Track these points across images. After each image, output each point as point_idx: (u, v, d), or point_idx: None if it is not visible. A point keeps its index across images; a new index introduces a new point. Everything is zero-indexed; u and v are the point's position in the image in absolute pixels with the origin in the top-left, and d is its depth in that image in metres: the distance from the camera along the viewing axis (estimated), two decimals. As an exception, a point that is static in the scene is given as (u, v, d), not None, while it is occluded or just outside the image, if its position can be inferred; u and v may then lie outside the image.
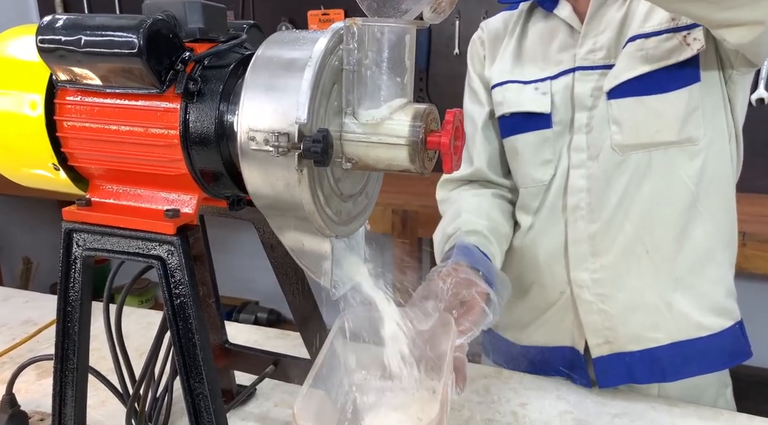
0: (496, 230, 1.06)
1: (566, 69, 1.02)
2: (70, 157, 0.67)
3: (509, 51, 1.10)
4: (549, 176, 1.04)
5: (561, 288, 1.05)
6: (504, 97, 1.07)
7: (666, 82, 0.94)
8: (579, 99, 1.01)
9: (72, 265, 0.68)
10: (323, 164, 0.55)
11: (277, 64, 0.58)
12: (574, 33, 1.03)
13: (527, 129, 1.05)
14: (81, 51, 0.59)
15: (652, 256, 0.99)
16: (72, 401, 0.69)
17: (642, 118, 0.96)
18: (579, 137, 1.01)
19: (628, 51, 0.95)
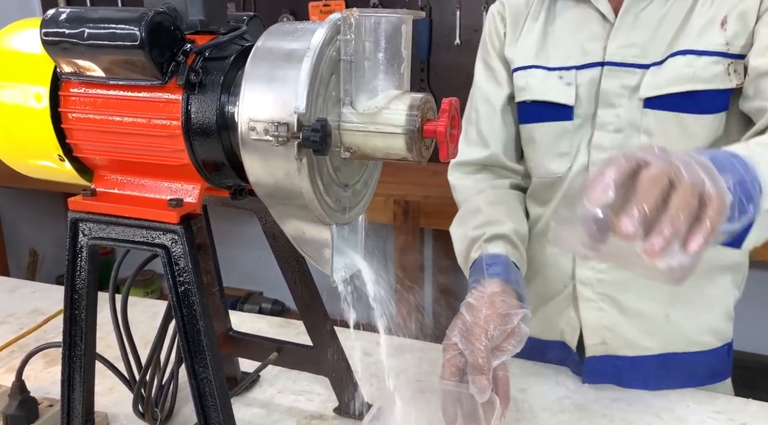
0: (520, 231, 1.02)
1: (594, 62, 0.99)
2: (75, 148, 0.69)
3: (535, 33, 1.05)
4: (564, 169, 1.03)
5: (564, 282, 1.05)
6: (527, 84, 1.04)
7: (706, 104, 0.93)
8: (605, 96, 0.98)
9: (78, 254, 0.69)
10: (322, 152, 0.57)
11: (277, 56, 0.59)
12: (606, 24, 0.99)
13: (547, 119, 1.03)
14: (84, 43, 0.60)
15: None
16: (80, 386, 0.71)
17: (674, 134, 0.94)
18: (601, 135, 0.99)
19: (676, 64, 0.92)
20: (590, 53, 1.00)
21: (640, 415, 0.94)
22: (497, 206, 1.05)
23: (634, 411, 0.95)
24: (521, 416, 0.94)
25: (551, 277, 1.07)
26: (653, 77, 0.94)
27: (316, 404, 0.97)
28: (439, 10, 2.38)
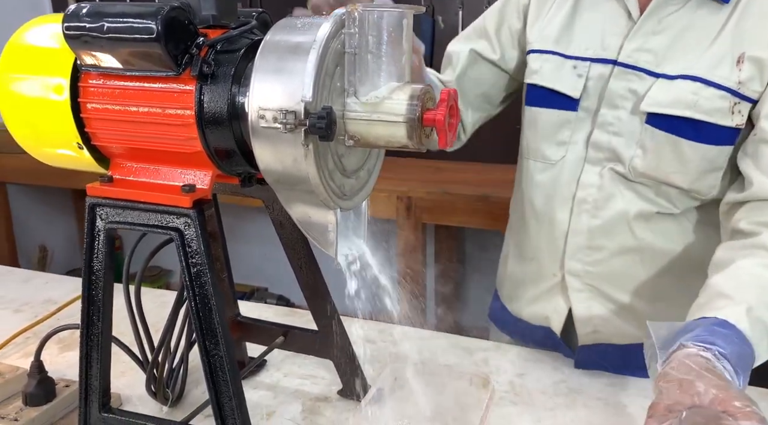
0: None
1: (608, 58, 1.00)
2: (93, 137, 0.72)
3: (560, 18, 1.05)
4: (559, 157, 1.05)
5: (554, 270, 1.08)
6: (540, 68, 1.05)
7: (705, 133, 0.94)
8: (610, 95, 0.99)
9: (96, 237, 0.73)
10: (327, 138, 0.60)
11: (284, 48, 0.63)
12: (630, 22, 0.99)
13: (552, 106, 1.05)
14: (104, 37, 0.64)
15: (645, 265, 1.03)
16: (97, 363, 0.74)
17: (667, 156, 0.96)
18: (600, 135, 1.01)
19: (683, 87, 0.94)
20: (608, 49, 1.00)
21: (634, 398, 0.97)
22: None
23: (627, 395, 0.98)
24: (519, 399, 0.97)
25: (544, 264, 1.10)
26: (658, 92, 0.95)
27: (320, 387, 1.00)
28: (441, 10, 2.43)
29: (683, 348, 0.72)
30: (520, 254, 1.16)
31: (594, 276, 1.05)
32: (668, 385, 0.68)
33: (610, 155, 1.00)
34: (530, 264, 1.13)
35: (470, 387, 0.86)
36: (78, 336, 1.13)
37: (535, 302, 1.13)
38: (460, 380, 0.87)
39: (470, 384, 0.86)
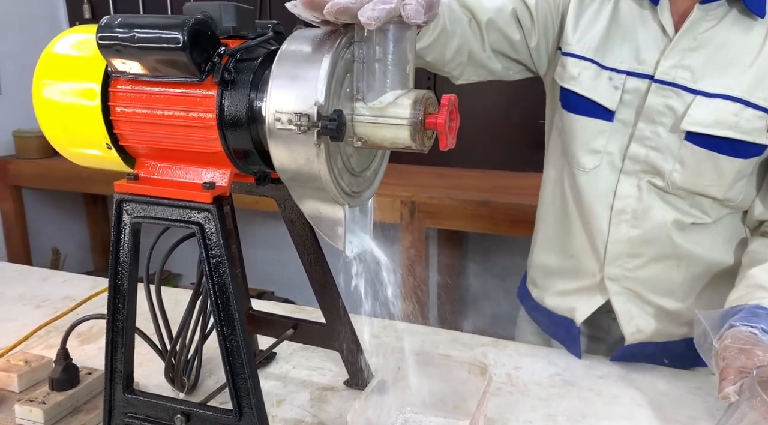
0: None
1: (645, 74, 1.03)
2: (121, 138, 0.78)
3: (600, 25, 1.07)
4: (593, 165, 1.08)
5: (593, 272, 1.13)
6: (579, 75, 1.07)
7: (741, 151, 0.99)
8: (648, 111, 1.02)
9: (122, 230, 0.79)
10: (338, 139, 0.66)
11: (299, 57, 0.69)
12: (665, 37, 1.02)
13: (589, 114, 1.08)
14: (134, 46, 0.70)
15: (681, 270, 1.09)
16: (122, 348, 0.80)
17: (706, 170, 1.01)
18: (637, 148, 1.04)
19: (723, 107, 0.97)
20: (644, 63, 1.03)
21: (625, 389, 1.02)
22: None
23: (619, 386, 1.03)
24: (515, 389, 1.02)
25: (584, 263, 1.14)
26: (698, 111, 0.98)
27: (327, 378, 1.06)
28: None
29: (733, 327, 0.86)
30: (557, 248, 1.19)
31: (632, 281, 1.10)
32: (731, 354, 0.81)
33: (647, 168, 1.04)
34: (569, 260, 1.17)
35: (469, 375, 0.91)
36: (96, 331, 1.21)
37: (564, 295, 1.18)
38: (460, 369, 0.92)
39: (469, 372, 0.91)
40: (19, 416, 0.89)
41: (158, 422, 0.79)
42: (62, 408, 0.91)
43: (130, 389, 0.81)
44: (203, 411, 0.78)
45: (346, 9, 0.62)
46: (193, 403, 0.80)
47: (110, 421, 0.81)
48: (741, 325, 0.85)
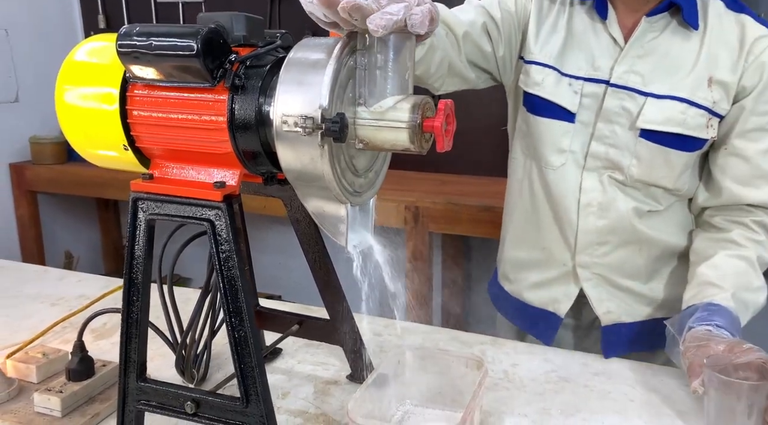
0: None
1: (601, 79, 1.14)
2: (137, 139, 0.83)
3: (559, 35, 1.18)
4: (559, 163, 1.19)
5: (564, 261, 1.23)
6: (543, 81, 1.18)
7: (688, 145, 1.13)
8: (605, 113, 1.14)
9: (137, 227, 0.83)
10: (340, 140, 0.70)
11: (305, 64, 0.74)
12: (617, 47, 1.14)
13: (553, 116, 1.18)
14: (151, 53, 0.75)
15: (642, 253, 1.20)
16: (135, 339, 0.84)
17: (659, 164, 1.14)
18: (597, 146, 1.16)
19: (672, 107, 1.10)
20: (599, 70, 1.15)
21: (617, 386, 1.06)
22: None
23: (612, 383, 1.07)
24: (511, 385, 1.06)
25: (555, 253, 1.24)
26: (650, 111, 1.11)
27: (331, 372, 1.10)
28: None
29: (692, 329, 0.99)
30: (529, 241, 1.29)
31: (601, 266, 1.20)
32: (691, 353, 0.95)
33: (608, 163, 1.16)
34: (541, 252, 1.26)
35: (466, 369, 0.95)
36: (110, 327, 1.25)
37: (540, 287, 1.27)
38: (457, 363, 0.96)
39: (466, 366, 0.95)
40: (38, 404, 0.94)
41: (169, 408, 0.84)
42: (78, 398, 0.96)
43: (143, 377, 0.85)
44: (212, 398, 0.82)
45: (360, 8, 0.66)
46: (203, 391, 0.85)
47: (124, 407, 0.85)
48: (698, 325, 0.99)
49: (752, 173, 1.13)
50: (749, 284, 1.08)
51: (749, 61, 1.09)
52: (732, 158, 1.13)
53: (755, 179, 1.13)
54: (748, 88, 1.10)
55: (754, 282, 1.09)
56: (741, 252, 1.11)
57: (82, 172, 2.70)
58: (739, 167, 1.13)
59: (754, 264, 1.11)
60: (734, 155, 1.12)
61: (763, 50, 1.08)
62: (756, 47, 1.09)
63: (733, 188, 1.14)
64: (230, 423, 0.81)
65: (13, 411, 0.95)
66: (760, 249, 1.12)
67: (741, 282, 1.07)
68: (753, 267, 1.10)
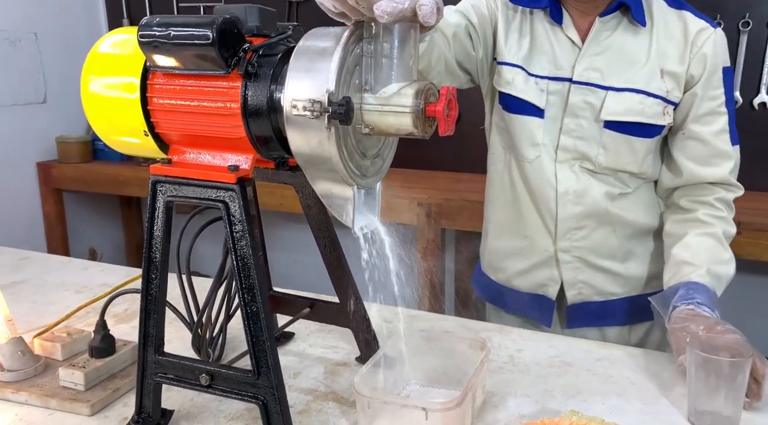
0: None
1: (564, 77, 1.25)
2: (157, 125, 0.88)
3: (525, 42, 1.28)
4: (534, 156, 1.28)
5: (546, 247, 1.31)
6: (513, 80, 1.28)
7: (649, 131, 1.24)
8: (571, 107, 1.25)
9: (156, 208, 0.88)
10: (346, 123, 0.75)
11: (314, 52, 0.78)
12: (575, 47, 1.25)
13: (525, 113, 1.27)
14: (170, 42, 0.80)
15: (617, 234, 1.29)
16: (154, 314, 0.89)
17: (623, 151, 1.25)
18: (566, 140, 1.26)
19: (630, 98, 1.21)
20: (561, 69, 1.25)
21: (619, 371, 1.08)
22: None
23: (614, 368, 1.09)
24: (515, 369, 1.09)
25: (537, 241, 1.32)
26: (612, 103, 1.22)
27: (341, 355, 1.14)
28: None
29: (676, 308, 1.10)
30: (511, 231, 1.37)
31: (580, 250, 1.29)
32: (676, 334, 1.04)
33: (577, 155, 1.26)
34: (523, 241, 1.34)
35: (470, 350, 0.98)
36: (131, 313, 1.31)
37: (526, 274, 1.35)
38: (462, 345, 0.99)
39: (470, 348, 0.98)
40: (63, 378, 0.99)
41: (185, 381, 0.88)
42: (100, 373, 1.01)
43: (161, 351, 0.90)
44: (225, 370, 0.87)
45: None
46: (217, 364, 0.89)
47: (143, 380, 0.90)
48: (681, 304, 1.09)
49: (709, 153, 1.23)
50: (720, 258, 1.18)
51: (693, 53, 1.20)
52: (690, 141, 1.24)
53: (712, 158, 1.24)
54: (695, 77, 1.21)
55: (724, 255, 1.19)
56: (708, 230, 1.21)
57: (106, 170, 2.78)
58: (697, 149, 1.24)
59: (721, 239, 1.21)
60: (691, 138, 1.24)
61: (704, 41, 1.20)
62: (698, 39, 1.20)
63: (692, 168, 1.24)
64: (242, 394, 0.85)
65: (40, 385, 1.00)
66: (724, 224, 1.23)
67: (712, 257, 1.17)
68: (720, 242, 1.20)
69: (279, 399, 0.83)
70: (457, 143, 2.53)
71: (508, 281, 1.40)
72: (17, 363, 1.02)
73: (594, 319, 1.33)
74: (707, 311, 1.07)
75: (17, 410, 0.96)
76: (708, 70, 1.20)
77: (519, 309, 1.41)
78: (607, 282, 1.32)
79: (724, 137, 1.23)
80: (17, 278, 1.52)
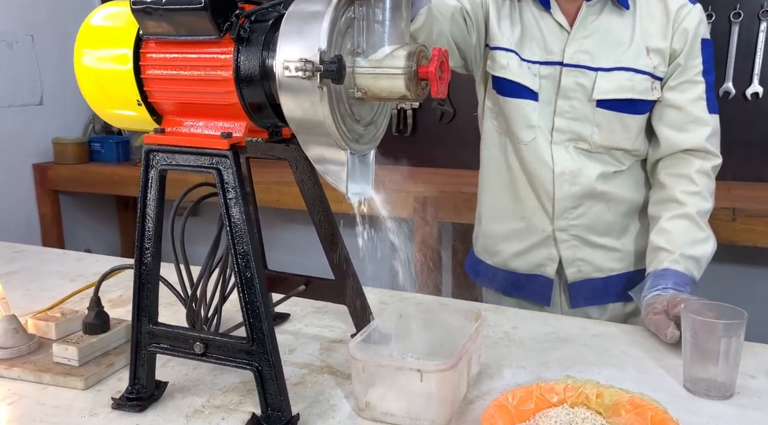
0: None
1: (555, 61, 1.28)
2: (150, 95, 0.88)
3: (516, 30, 1.31)
4: (530, 138, 1.30)
5: (544, 227, 1.32)
6: (507, 64, 1.31)
7: (639, 108, 1.28)
8: (563, 90, 1.28)
9: (150, 178, 0.88)
10: (338, 81, 0.75)
11: (305, 15, 0.78)
12: (564, 32, 1.28)
13: (520, 96, 1.29)
14: (163, 7, 0.80)
15: (612, 211, 1.32)
16: (147, 285, 0.89)
17: (617, 128, 1.28)
18: (560, 121, 1.29)
19: (620, 77, 1.25)
20: (552, 53, 1.29)
21: (616, 345, 1.08)
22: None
23: (610, 342, 1.09)
24: (512, 344, 1.09)
25: (535, 222, 1.33)
26: (603, 83, 1.25)
27: (336, 333, 1.14)
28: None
29: (644, 298, 1.16)
30: (507, 214, 1.38)
31: (577, 228, 1.30)
32: (649, 318, 1.11)
33: (572, 135, 1.29)
34: (520, 222, 1.35)
35: (465, 321, 0.98)
36: (125, 298, 1.30)
37: (524, 255, 1.35)
38: (457, 316, 0.99)
39: (465, 319, 0.98)
40: (57, 354, 0.98)
41: (179, 350, 0.88)
42: (94, 349, 1.00)
43: (155, 321, 0.90)
44: (219, 338, 0.86)
45: None
46: (211, 332, 0.89)
47: (137, 350, 0.89)
48: (648, 294, 1.15)
49: (684, 119, 1.26)
50: (694, 239, 1.21)
51: (675, 28, 1.25)
52: (666, 108, 1.28)
53: (687, 124, 1.26)
54: (678, 50, 1.25)
55: (698, 235, 1.21)
56: (682, 210, 1.23)
57: (102, 170, 2.78)
58: (673, 116, 1.27)
59: (694, 218, 1.22)
60: (668, 105, 1.27)
61: (684, 17, 1.25)
62: (679, 16, 1.25)
63: (669, 134, 1.27)
64: (237, 361, 0.85)
65: (33, 361, 0.99)
66: (698, 201, 1.24)
67: (686, 240, 1.20)
68: (694, 222, 1.22)
69: (273, 365, 0.83)
70: (450, 140, 2.54)
71: (505, 264, 1.41)
72: (10, 341, 1.01)
73: (597, 296, 1.35)
74: (672, 292, 1.12)
75: (10, 385, 0.96)
76: (689, 42, 1.25)
77: (516, 291, 1.41)
78: (604, 258, 1.34)
79: (700, 104, 1.26)
80: (11, 269, 1.52)
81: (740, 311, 0.91)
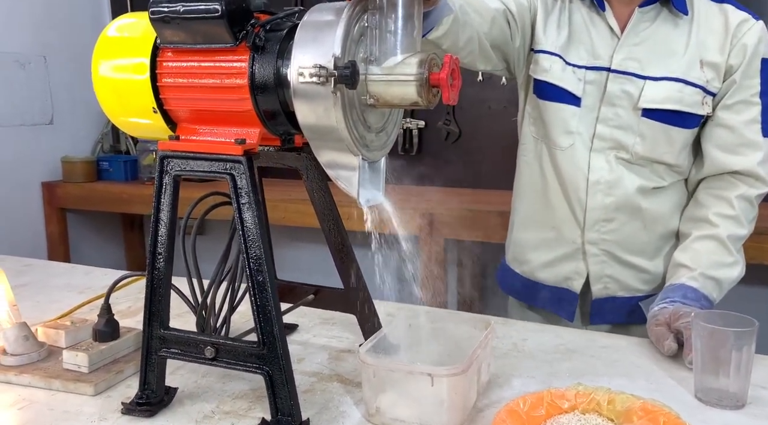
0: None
1: (602, 66, 1.25)
2: (166, 102, 0.90)
3: (564, 32, 1.28)
4: (567, 144, 1.28)
5: (574, 239, 1.30)
6: (550, 67, 1.28)
7: (687, 121, 1.23)
8: (608, 96, 1.25)
9: (164, 184, 0.89)
10: (352, 86, 0.76)
11: (319, 24, 0.80)
12: (614, 36, 1.25)
13: (561, 100, 1.27)
14: (180, 16, 0.82)
15: (647, 230, 1.28)
16: (159, 289, 0.89)
17: (661, 140, 1.24)
18: (603, 128, 1.26)
19: (669, 87, 1.21)
20: (599, 58, 1.26)
21: (625, 356, 1.08)
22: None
23: (619, 354, 1.09)
24: (521, 355, 1.09)
25: (564, 232, 1.31)
26: (650, 92, 1.21)
27: (345, 343, 1.14)
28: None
29: (652, 309, 1.14)
30: (538, 222, 1.36)
31: (608, 243, 1.28)
32: (650, 329, 1.10)
33: (613, 144, 1.25)
34: (550, 232, 1.33)
35: (474, 331, 0.98)
36: (134, 310, 1.31)
37: (552, 266, 1.34)
38: (466, 326, 0.99)
39: (474, 328, 0.98)
40: (66, 361, 0.99)
41: (190, 354, 0.88)
42: (104, 356, 1.01)
43: (166, 326, 0.90)
44: (230, 342, 0.87)
45: None
46: (222, 336, 0.89)
47: (148, 355, 0.89)
48: (656, 307, 1.13)
49: (736, 142, 1.22)
50: (720, 262, 1.18)
51: (734, 43, 1.21)
52: (718, 128, 1.23)
53: (739, 147, 1.22)
54: (734, 66, 1.21)
55: (725, 259, 1.18)
56: (712, 232, 1.20)
57: (110, 188, 2.80)
58: (724, 136, 1.22)
59: (724, 241, 1.19)
60: (719, 125, 1.23)
61: (745, 32, 1.21)
62: (740, 31, 1.21)
63: (717, 155, 1.23)
64: (248, 365, 0.85)
65: (43, 368, 1.00)
66: (731, 226, 1.20)
67: (710, 261, 1.17)
68: (723, 245, 1.19)
69: (284, 369, 0.83)
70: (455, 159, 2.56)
71: (533, 274, 1.39)
72: (21, 348, 1.02)
73: (618, 315, 1.31)
74: (679, 305, 1.09)
75: (20, 391, 0.96)
76: (747, 59, 1.20)
77: (542, 303, 1.39)
78: (633, 278, 1.30)
79: (754, 127, 1.21)
80: (21, 282, 1.52)
81: (751, 320, 0.91)
